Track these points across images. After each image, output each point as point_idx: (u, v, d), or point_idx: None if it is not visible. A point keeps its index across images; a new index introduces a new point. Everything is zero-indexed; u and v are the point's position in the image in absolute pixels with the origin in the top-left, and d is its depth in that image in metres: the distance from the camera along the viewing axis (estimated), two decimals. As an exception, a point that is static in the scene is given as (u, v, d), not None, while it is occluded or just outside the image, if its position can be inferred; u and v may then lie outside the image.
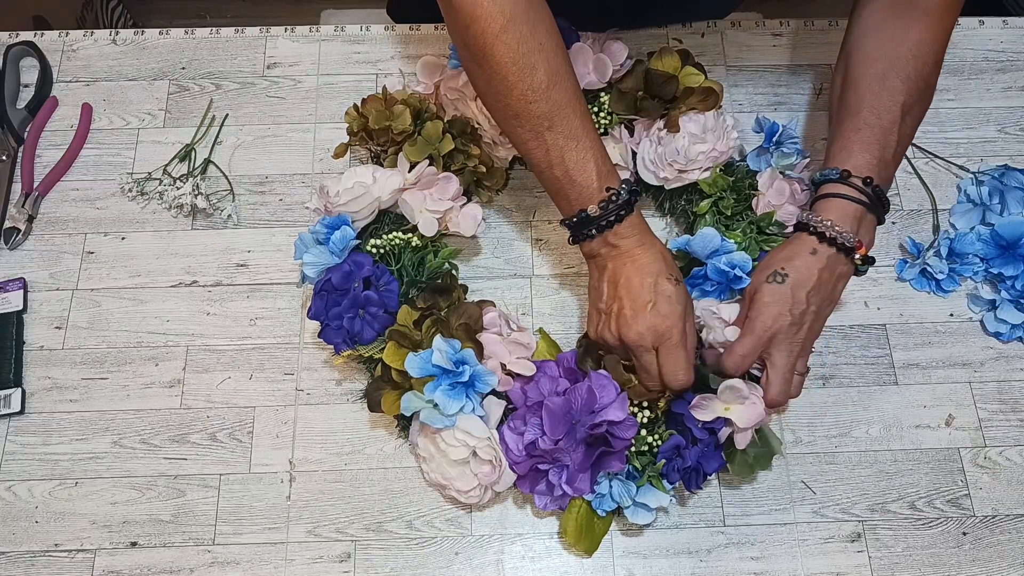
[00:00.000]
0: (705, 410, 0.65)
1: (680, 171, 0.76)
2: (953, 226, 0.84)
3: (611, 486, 0.66)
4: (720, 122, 0.77)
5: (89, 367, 0.76)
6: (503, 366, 0.68)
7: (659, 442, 0.66)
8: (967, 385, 0.77)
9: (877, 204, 0.69)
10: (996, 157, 0.87)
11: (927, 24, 0.70)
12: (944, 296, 0.81)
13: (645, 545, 0.71)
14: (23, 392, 0.75)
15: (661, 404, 0.68)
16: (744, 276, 0.70)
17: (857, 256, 0.68)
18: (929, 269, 0.80)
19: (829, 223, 0.67)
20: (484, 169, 0.78)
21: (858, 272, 0.69)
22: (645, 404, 0.68)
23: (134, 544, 0.70)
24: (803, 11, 0.97)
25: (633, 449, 0.66)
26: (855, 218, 0.68)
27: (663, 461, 0.66)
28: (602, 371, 0.67)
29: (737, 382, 0.65)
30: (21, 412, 0.74)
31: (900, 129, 0.70)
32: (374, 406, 0.69)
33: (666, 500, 0.66)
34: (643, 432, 0.66)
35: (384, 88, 0.79)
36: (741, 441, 0.66)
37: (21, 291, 0.78)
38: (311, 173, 0.85)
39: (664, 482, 0.67)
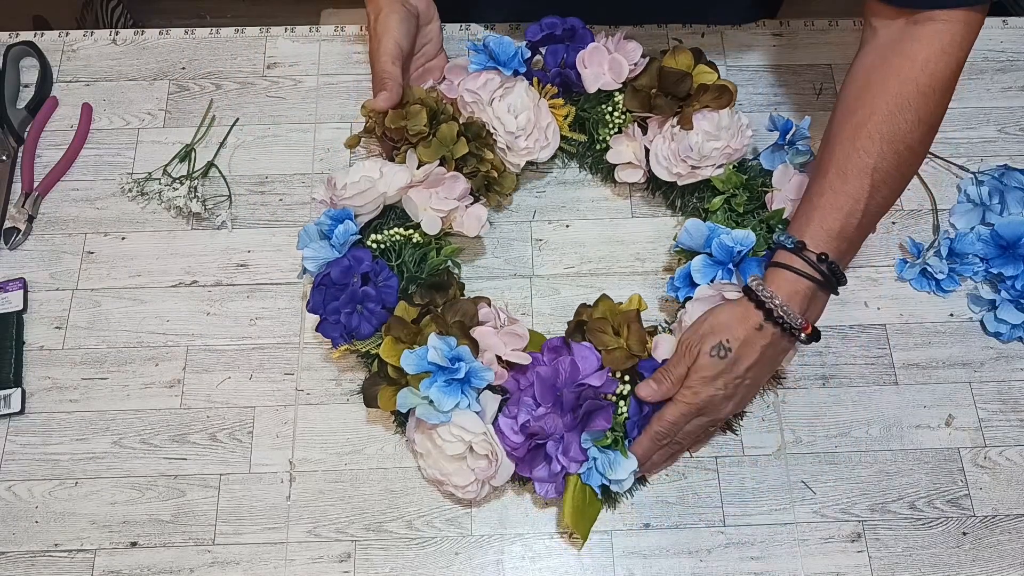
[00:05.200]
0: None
1: (693, 167, 0.76)
2: (953, 226, 0.84)
3: (595, 460, 0.67)
4: (735, 120, 0.77)
5: (89, 367, 0.76)
6: (499, 358, 0.68)
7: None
8: (967, 385, 0.77)
9: (831, 281, 0.64)
10: (996, 157, 0.87)
11: (910, 74, 0.63)
12: (944, 296, 0.81)
13: (645, 545, 0.71)
14: (23, 392, 0.75)
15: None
16: (745, 249, 0.71)
17: (802, 335, 0.65)
18: (929, 269, 0.80)
19: (778, 303, 0.63)
20: (496, 174, 0.77)
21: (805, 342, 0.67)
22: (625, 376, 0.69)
23: (134, 544, 0.70)
24: (803, 11, 0.97)
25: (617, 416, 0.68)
26: (805, 296, 0.64)
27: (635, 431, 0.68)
28: (584, 343, 0.68)
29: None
30: (21, 412, 0.74)
31: (870, 200, 0.64)
32: (370, 401, 0.69)
33: (633, 464, 0.66)
34: (621, 403, 0.68)
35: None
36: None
37: (21, 291, 0.78)
38: (311, 173, 0.85)
39: (626, 444, 0.68)
